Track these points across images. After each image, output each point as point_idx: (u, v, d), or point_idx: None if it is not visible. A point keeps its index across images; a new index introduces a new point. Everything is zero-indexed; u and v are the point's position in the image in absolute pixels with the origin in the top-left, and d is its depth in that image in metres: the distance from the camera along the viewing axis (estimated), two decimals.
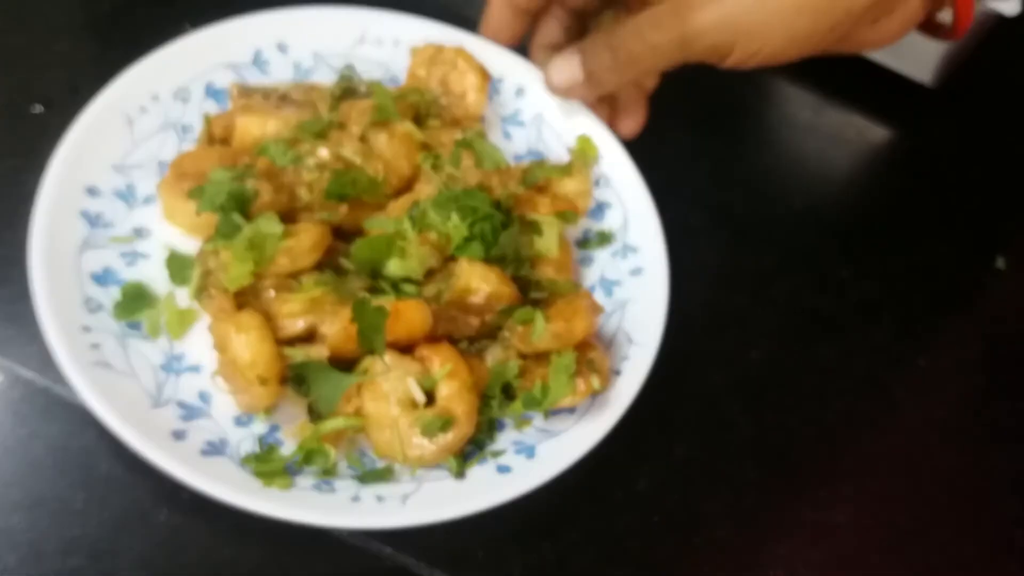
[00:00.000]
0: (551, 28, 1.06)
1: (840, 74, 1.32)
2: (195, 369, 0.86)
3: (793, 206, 1.22)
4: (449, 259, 0.89)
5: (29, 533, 0.81)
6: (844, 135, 1.30)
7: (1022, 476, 1.04)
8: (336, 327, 0.82)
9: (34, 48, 1.09)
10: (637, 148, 1.09)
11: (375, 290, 0.86)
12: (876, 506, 0.98)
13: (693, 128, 1.25)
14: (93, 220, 0.89)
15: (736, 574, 0.92)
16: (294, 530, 0.79)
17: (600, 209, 1.04)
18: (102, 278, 0.87)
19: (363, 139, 0.94)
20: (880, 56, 1.28)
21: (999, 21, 1.14)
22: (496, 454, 0.85)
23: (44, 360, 0.86)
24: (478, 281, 0.85)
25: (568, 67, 0.97)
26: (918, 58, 1.25)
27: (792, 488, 0.98)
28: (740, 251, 1.15)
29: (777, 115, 1.30)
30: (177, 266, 0.88)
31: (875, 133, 1.32)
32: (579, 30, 1.07)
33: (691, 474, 0.96)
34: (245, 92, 0.99)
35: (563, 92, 0.99)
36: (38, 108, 1.04)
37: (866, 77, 1.31)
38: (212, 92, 0.99)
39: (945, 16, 0.91)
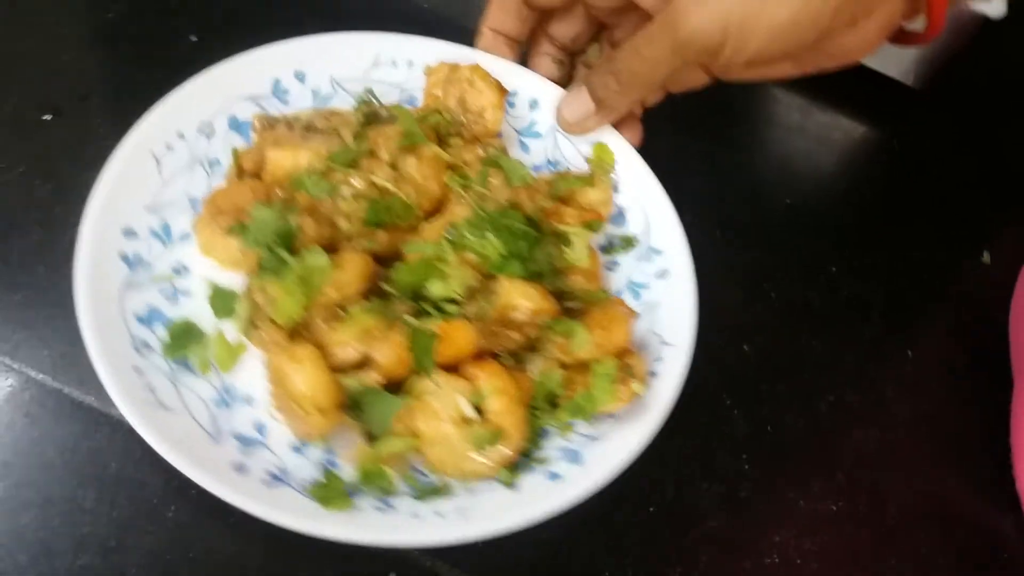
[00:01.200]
0: (544, 64, 1.11)
1: (826, 76, 1.34)
2: (247, 400, 0.88)
3: (783, 204, 1.25)
4: (488, 277, 0.91)
5: (40, 532, 0.83)
6: (832, 135, 1.34)
7: (1010, 468, 1.06)
8: (388, 353, 0.84)
9: (42, 57, 1.10)
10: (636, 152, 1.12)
11: (420, 313, 0.88)
12: (867, 497, 1.01)
13: (685, 129, 1.28)
14: (132, 262, 0.90)
15: (731, 563, 0.95)
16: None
17: (621, 214, 1.06)
18: (147, 319, 0.88)
19: (393, 165, 0.96)
20: (867, 58, 1.30)
21: (983, 22, 1.17)
22: (543, 461, 0.88)
23: (55, 363, 0.90)
24: (520, 298, 0.87)
25: (578, 101, 1.02)
26: (902, 59, 1.28)
27: (785, 479, 1.01)
28: (732, 248, 1.18)
29: (766, 116, 1.33)
30: (221, 301, 0.90)
31: (862, 133, 1.36)
32: (570, 66, 1.11)
33: (686, 466, 0.98)
34: (268, 123, 1.01)
35: (577, 127, 1.03)
36: (47, 116, 1.05)
37: (852, 79, 1.33)
38: (235, 125, 1.01)
39: (916, 24, 0.93)
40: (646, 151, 1.16)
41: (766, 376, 1.08)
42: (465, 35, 1.11)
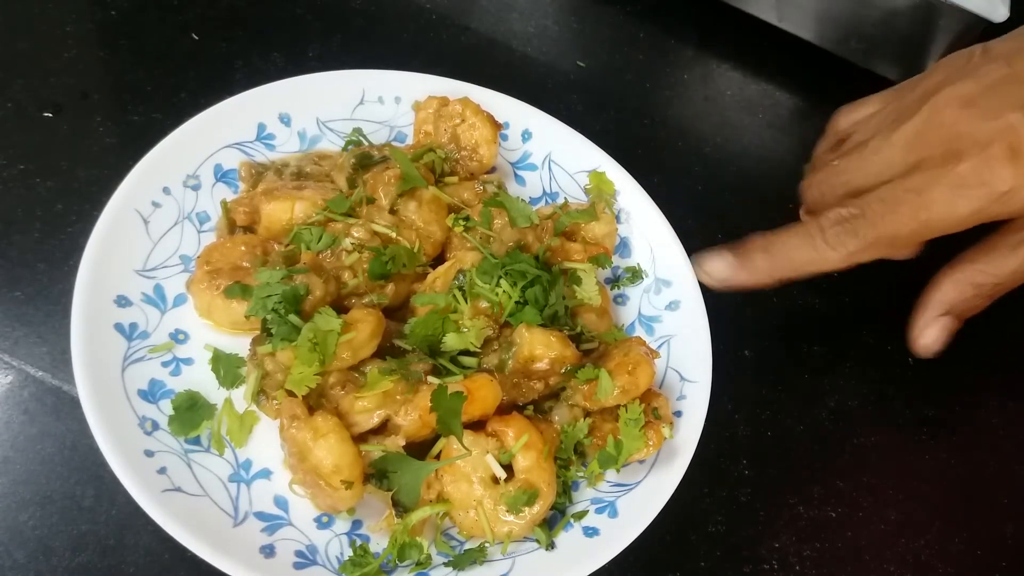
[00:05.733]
0: None
1: (829, 81, 1.34)
2: (265, 475, 0.83)
3: (786, 209, 1.23)
4: (503, 325, 0.88)
5: (38, 530, 0.81)
6: None
7: (1011, 472, 1.08)
8: (412, 416, 0.80)
9: (43, 54, 1.08)
10: (635, 154, 1.09)
11: (438, 369, 0.85)
12: (868, 502, 1.02)
13: (687, 134, 1.27)
14: (128, 332, 0.85)
15: (731, 567, 0.94)
16: None
17: (624, 244, 1.04)
18: (150, 393, 0.83)
19: (393, 211, 0.92)
20: (869, 63, 1.31)
21: (986, 27, 1.17)
22: (578, 516, 0.86)
23: (54, 360, 0.88)
24: (542, 349, 0.84)
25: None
26: (907, 65, 1.28)
27: (785, 484, 1.01)
28: None
29: (768, 120, 1.32)
30: (224, 368, 0.86)
31: None
32: None
33: (687, 470, 0.96)
34: (255, 170, 0.96)
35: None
36: (48, 113, 1.03)
37: (854, 83, 1.32)
38: (221, 174, 0.96)
39: None
40: (647, 157, 1.15)
41: (767, 380, 1.07)
42: (465, 34, 1.07)
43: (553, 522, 0.86)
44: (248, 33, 1.15)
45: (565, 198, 1.04)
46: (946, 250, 1.24)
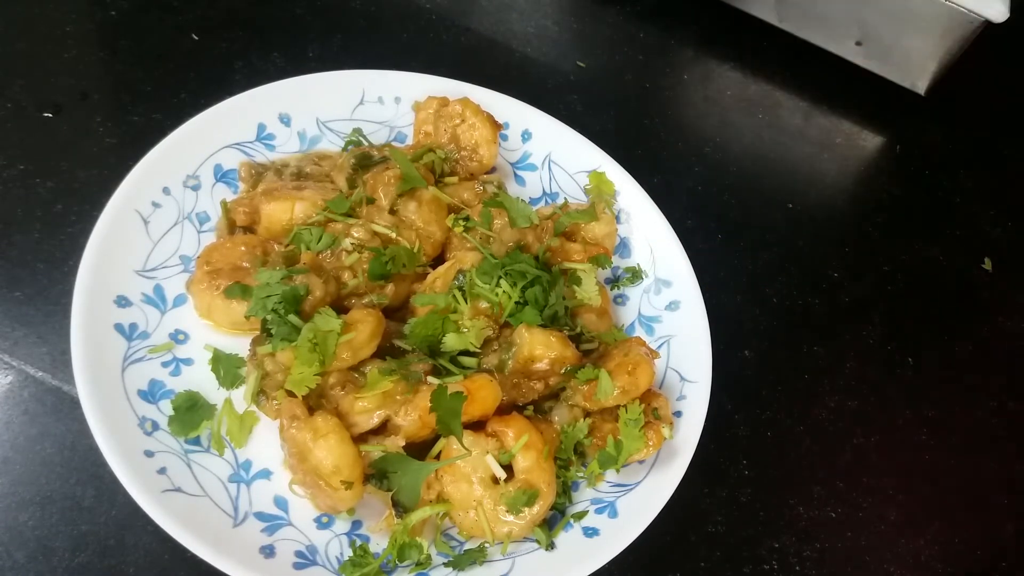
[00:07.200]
0: None
1: (829, 81, 1.35)
2: (265, 475, 0.83)
3: (785, 209, 1.24)
4: (503, 325, 0.88)
5: (38, 530, 0.81)
6: (833, 140, 1.34)
7: (1010, 472, 1.08)
8: (411, 417, 0.80)
9: (43, 55, 1.09)
10: (635, 154, 1.10)
11: (438, 370, 0.85)
12: (867, 502, 1.02)
13: (687, 134, 1.27)
14: (128, 332, 0.85)
15: (731, 567, 0.94)
16: None
17: (624, 245, 1.04)
18: (150, 394, 0.83)
19: (393, 211, 0.92)
20: (869, 63, 1.30)
21: (985, 27, 1.17)
22: (578, 516, 0.86)
23: (54, 360, 0.88)
24: (542, 349, 0.84)
25: None
26: (907, 64, 1.28)
27: (785, 484, 1.01)
28: (733, 253, 1.17)
29: (768, 121, 1.32)
30: (224, 368, 0.85)
31: (864, 138, 1.36)
32: None
33: (687, 471, 0.95)
34: (255, 170, 0.96)
35: None
36: (47, 114, 1.04)
37: (854, 83, 1.33)
38: (221, 175, 0.96)
39: None
40: (650, 157, 1.14)
41: (767, 381, 1.07)
42: (465, 34, 1.07)
43: (553, 522, 0.86)
44: (248, 33, 1.15)
45: (565, 198, 1.04)
46: (954, 256, 1.25)
